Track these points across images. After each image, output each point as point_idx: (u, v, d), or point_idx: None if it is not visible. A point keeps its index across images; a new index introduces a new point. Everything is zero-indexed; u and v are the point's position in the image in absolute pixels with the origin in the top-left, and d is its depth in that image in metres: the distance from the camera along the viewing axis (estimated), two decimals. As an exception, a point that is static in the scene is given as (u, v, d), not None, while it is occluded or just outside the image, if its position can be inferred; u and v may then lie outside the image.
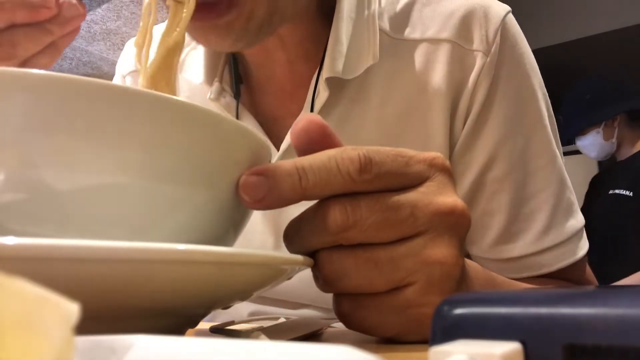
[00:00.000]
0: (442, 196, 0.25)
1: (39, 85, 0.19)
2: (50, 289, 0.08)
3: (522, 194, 0.47)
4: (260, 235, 0.49)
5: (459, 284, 0.25)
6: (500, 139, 0.46)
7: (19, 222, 0.19)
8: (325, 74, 0.45)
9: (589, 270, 0.52)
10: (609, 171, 1.96)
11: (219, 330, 0.29)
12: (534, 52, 0.50)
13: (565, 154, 0.55)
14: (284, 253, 0.24)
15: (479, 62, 0.46)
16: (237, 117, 0.49)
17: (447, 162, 0.26)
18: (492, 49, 0.46)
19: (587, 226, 0.50)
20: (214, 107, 0.50)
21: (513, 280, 0.39)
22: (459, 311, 0.14)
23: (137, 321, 0.19)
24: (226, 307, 0.28)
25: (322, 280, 0.25)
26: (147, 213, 0.21)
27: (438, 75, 0.46)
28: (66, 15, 0.38)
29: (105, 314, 0.18)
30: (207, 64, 0.51)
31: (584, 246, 0.48)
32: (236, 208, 0.24)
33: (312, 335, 0.30)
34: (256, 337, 0.23)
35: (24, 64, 0.39)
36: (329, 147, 0.25)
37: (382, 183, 0.24)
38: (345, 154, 0.23)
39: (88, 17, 2.52)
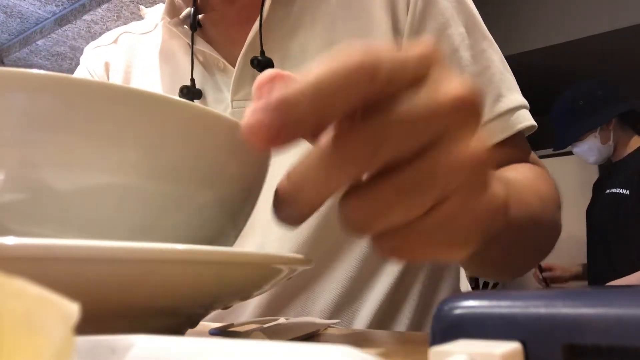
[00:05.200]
0: (449, 83, 0.19)
1: (39, 85, 0.19)
2: (50, 289, 0.08)
3: (471, 69, 0.51)
4: None
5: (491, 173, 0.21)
6: (443, 24, 0.52)
7: (19, 222, 0.19)
8: None
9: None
10: (605, 173, 1.97)
11: (219, 332, 0.29)
12: (529, 53, 0.51)
13: (565, 154, 0.55)
14: (283, 253, 0.24)
15: None
16: (192, 43, 0.55)
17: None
18: None
19: (588, 227, 0.50)
20: (168, 31, 0.58)
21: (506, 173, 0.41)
22: (459, 311, 0.14)
23: (137, 321, 0.19)
24: (226, 307, 0.28)
25: (350, 227, 0.20)
26: (147, 213, 0.21)
27: None
28: None
29: (105, 314, 0.18)
30: (169, 2, 0.57)
31: (532, 118, 0.53)
32: (236, 208, 0.24)
33: (312, 335, 0.30)
34: (256, 338, 0.23)
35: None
36: None
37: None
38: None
39: (88, 17, 2.52)
